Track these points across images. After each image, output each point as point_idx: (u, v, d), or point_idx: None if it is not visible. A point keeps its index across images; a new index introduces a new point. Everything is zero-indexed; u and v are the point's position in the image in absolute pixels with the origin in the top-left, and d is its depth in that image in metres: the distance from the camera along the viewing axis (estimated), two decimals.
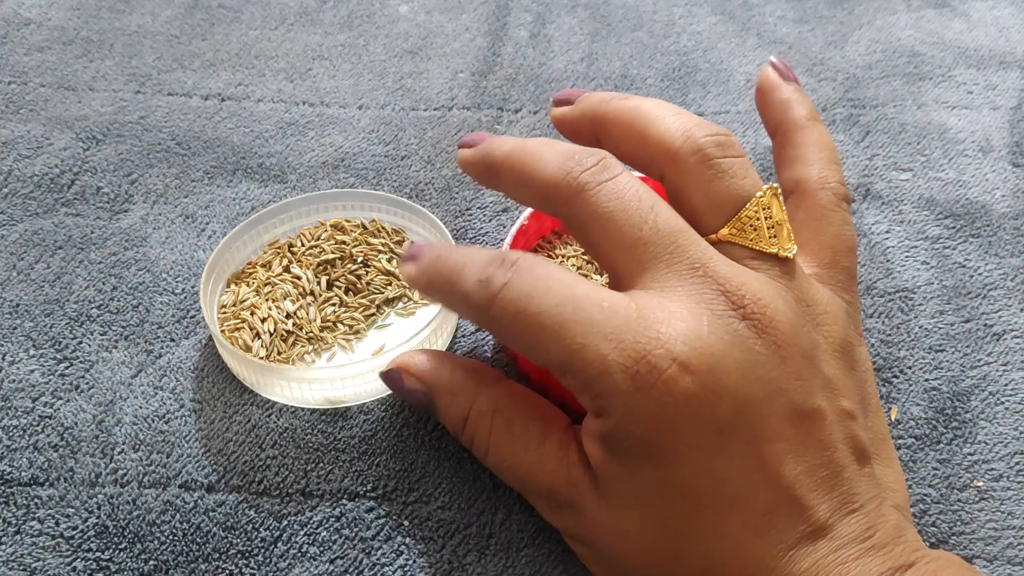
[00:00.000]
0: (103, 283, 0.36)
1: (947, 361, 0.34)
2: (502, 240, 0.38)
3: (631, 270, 0.24)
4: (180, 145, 0.42)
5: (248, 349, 0.32)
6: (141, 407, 0.31)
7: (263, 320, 0.33)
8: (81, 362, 0.33)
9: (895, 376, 0.33)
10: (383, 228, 0.37)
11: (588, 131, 0.29)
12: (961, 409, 0.32)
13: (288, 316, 0.33)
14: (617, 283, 0.25)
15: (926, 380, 0.33)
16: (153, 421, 0.31)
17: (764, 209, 0.25)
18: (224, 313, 0.33)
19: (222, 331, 0.33)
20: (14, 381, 0.32)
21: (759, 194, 0.25)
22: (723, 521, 0.23)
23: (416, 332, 0.31)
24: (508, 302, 0.24)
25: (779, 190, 0.26)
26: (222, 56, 0.48)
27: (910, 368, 0.33)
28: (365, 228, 0.37)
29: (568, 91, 0.30)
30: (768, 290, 0.24)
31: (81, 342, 0.33)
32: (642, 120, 0.26)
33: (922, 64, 0.49)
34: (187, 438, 0.30)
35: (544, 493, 0.25)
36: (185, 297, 0.35)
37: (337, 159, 0.42)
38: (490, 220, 0.39)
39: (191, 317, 0.34)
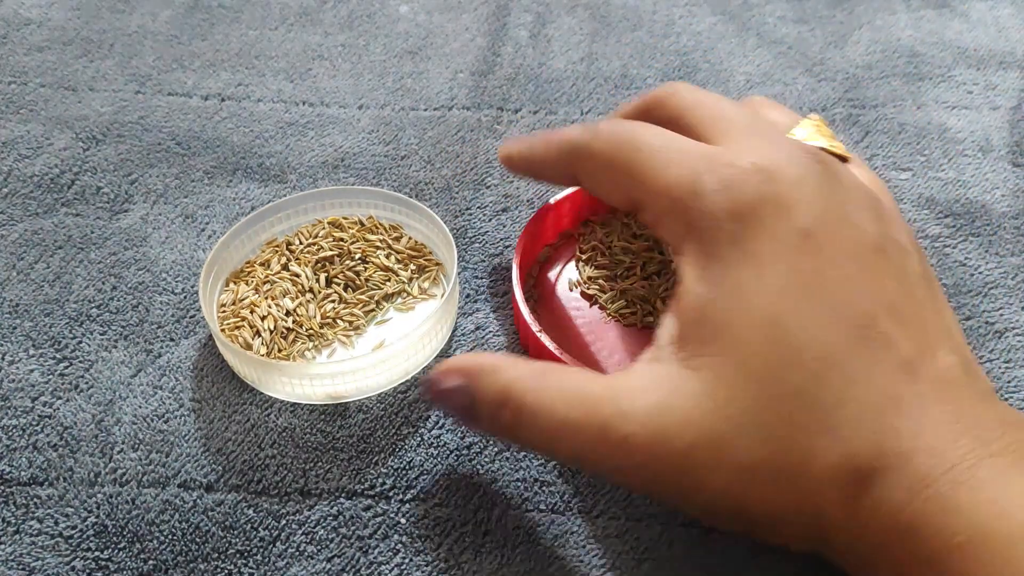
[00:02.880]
0: (103, 283, 0.36)
1: None
2: (506, 243, 0.38)
3: (721, 134, 0.27)
4: (180, 145, 0.42)
5: (248, 347, 0.32)
6: (140, 407, 0.31)
7: (263, 318, 0.33)
8: (81, 362, 0.33)
9: None
10: (380, 224, 0.37)
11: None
12: None
13: (288, 313, 0.33)
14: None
15: None
16: (152, 421, 0.31)
17: (815, 125, 0.28)
18: (224, 312, 0.33)
19: (222, 330, 0.33)
20: (14, 381, 0.32)
21: (808, 116, 0.29)
22: (824, 328, 0.22)
23: (416, 327, 0.31)
24: (611, 134, 0.27)
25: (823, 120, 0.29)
26: (222, 56, 0.48)
27: None
28: (363, 225, 0.37)
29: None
30: (836, 161, 0.26)
31: (81, 342, 0.33)
32: (700, 110, 0.30)
33: (922, 64, 0.49)
34: (186, 438, 0.30)
35: (607, 427, 0.23)
36: (185, 297, 0.35)
37: (337, 159, 0.42)
38: (489, 220, 0.39)
39: (191, 317, 0.34)
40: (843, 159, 0.28)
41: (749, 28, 0.52)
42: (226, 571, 0.27)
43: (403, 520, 0.28)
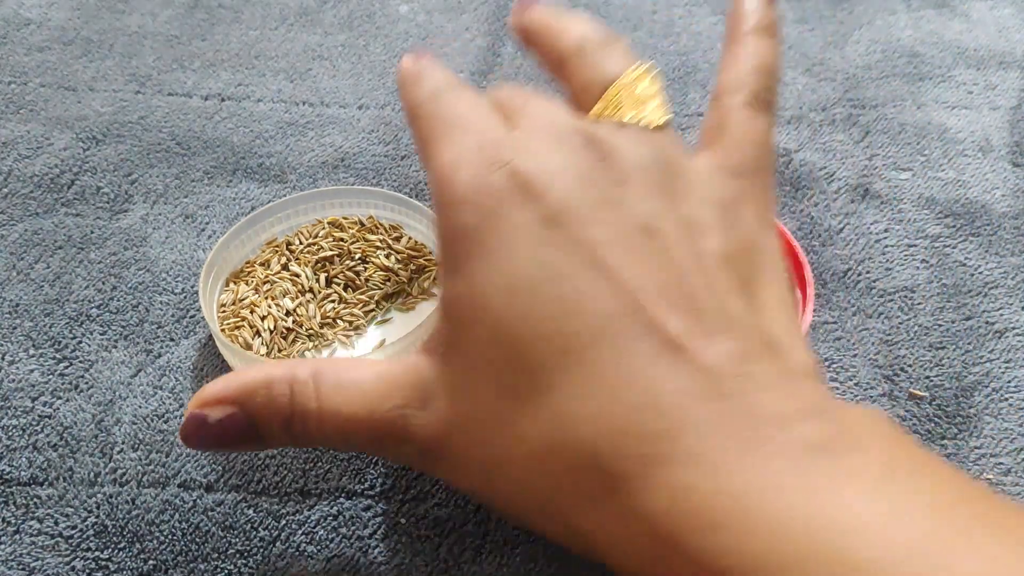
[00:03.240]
0: (103, 283, 0.36)
1: (948, 359, 0.34)
2: None
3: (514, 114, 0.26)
4: (180, 145, 0.42)
5: (249, 347, 0.32)
6: (140, 407, 0.31)
7: (263, 318, 0.33)
8: (81, 362, 0.33)
9: (896, 374, 0.33)
10: (380, 224, 0.37)
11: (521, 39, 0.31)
12: (965, 405, 0.32)
13: (288, 313, 0.33)
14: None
15: (928, 378, 0.33)
16: (152, 421, 0.31)
17: (628, 87, 0.26)
18: (224, 312, 0.33)
19: (222, 329, 0.33)
20: (14, 381, 0.32)
21: (629, 70, 0.26)
22: (565, 319, 0.21)
23: (416, 327, 0.31)
24: (438, 103, 0.26)
25: (654, 68, 0.27)
26: (222, 56, 0.48)
27: (911, 366, 0.33)
28: (363, 225, 0.37)
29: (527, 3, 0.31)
30: (623, 135, 0.25)
31: (81, 342, 0.33)
32: (556, 29, 0.29)
33: (922, 64, 0.49)
34: None
35: (392, 417, 0.23)
36: (185, 297, 0.35)
37: (337, 159, 0.42)
38: None
39: (190, 317, 0.34)
40: (649, 127, 0.25)
41: None
42: (226, 571, 0.27)
43: (403, 520, 0.28)
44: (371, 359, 0.25)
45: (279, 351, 0.32)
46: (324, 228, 0.36)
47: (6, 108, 0.44)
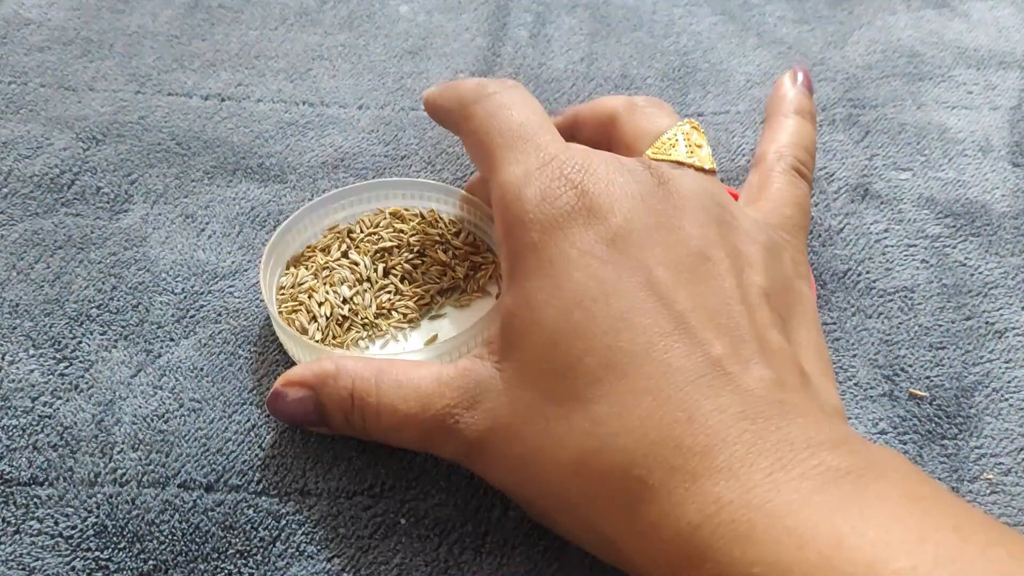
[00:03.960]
0: (103, 283, 0.36)
1: (948, 359, 0.34)
2: None
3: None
4: (180, 145, 0.42)
5: (304, 331, 0.32)
6: (140, 407, 0.31)
7: (320, 304, 0.33)
8: (81, 362, 0.33)
9: (896, 374, 0.33)
10: (441, 219, 0.37)
11: (567, 128, 0.34)
12: (965, 405, 0.32)
13: (344, 301, 0.33)
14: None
15: (928, 378, 0.33)
16: (152, 421, 0.31)
17: (684, 133, 0.28)
18: (283, 295, 0.34)
19: (280, 312, 0.33)
20: (14, 381, 0.32)
21: (680, 123, 0.28)
22: (615, 334, 0.22)
23: (469, 327, 0.31)
24: (491, 104, 0.28)
25: (700, 125, 0.29)
26: (222, 56, 0.48)
27: (911, 366, 0.33)
28: (423, 218, 0.37)
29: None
30: (679, 171, 0.26)
31: (81, 342, 0.33)
32: (597, 103, 0.32)
33: (922, 64, 0.49)
34: (186, 438, 0.30)
35: (443, 415, 0.25)
36: (185, 297, 0.35)
37: (337, 159, 0.42)
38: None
39: (190, 317, 0.34)
40: (702, 170, 0.27)
41: (749, 28, 0.52)
42: (226, 571, 0.27)
43: (403, 520, 0.28)
44: (430, 361, 0.26)
45: (333, 338, 0.32)
46: (385, 218, 0.36)
47: (6, 108, 0.44)
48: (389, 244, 0.35)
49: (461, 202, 0.36)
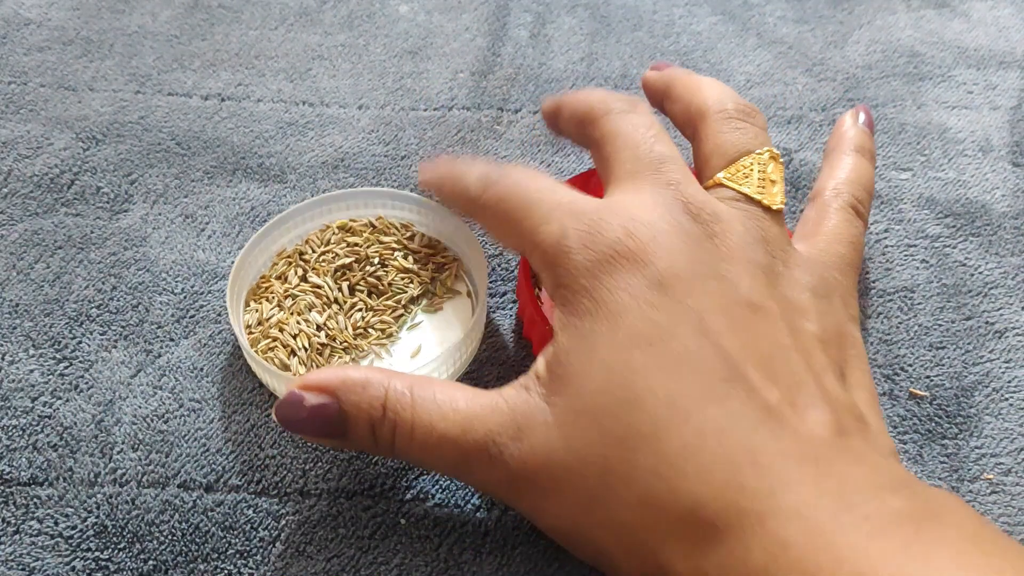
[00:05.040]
0: (103, 283, 0.36)
1: (948, 358, 0.34)
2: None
3: (621, 178, 0.27)
4: (180, 145, 0.42)
5: (286, 368, 0.31)
6: (140, 407, 0.31)
7: (295, 336, 0.32)
8: (80, 362, 0.33)
9: (896, 374, 0.33)
10: (391, 224, 0.36)
11: (659, 92, 0.33)
12: (965, 404, 0.32)
13: (319, 328, 0.32)
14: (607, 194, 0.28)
15: (928, 377, 0.33)
16: (152, 421, 0.31)
17: (761, 164, 0.28)
18: (252, 334, 0.32)
19: (256, 352, 0.32)
20: (13, 381, 0.32)
21: (760, 151, 0.28)
22: (677, 377, 0.22)
23: (464, 329, 0.31)
24: (499, 188, 0.28)
25: (780, 156, 0.28)
26: (222, 56, 0.48)
27: (911, 366, 0.33)
28: (374, 227, 0.36)
29: (663, 63, 0.34)
30: (731, 214, 0.26)
31: (80, 342, 0.33)
32: (694, 85, 0.31)
33: (922, 64, 0.49)
34: (186, 438, 0.30)
35: (485, 443, 0.24)
36: (184, 297, 0.35)
37: (337, 159, 0.42)
38: None
39: (190, 317, 0.34)
40: (768, 208, 0.27)
41: (749, 28, 0.52)
42: (226, 571, 0.27)
43: (403, 520, 0.28)
44: (461, 384, 0.26)
45: (316, 368, 0.31)
46: (335, 233, 0.36)
47: (6, 108, 0.44)
48: (347, 260, 0.34)
49: (408, 204, 0.36)
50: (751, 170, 0.27)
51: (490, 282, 0.36)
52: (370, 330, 0.33)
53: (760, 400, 0.22)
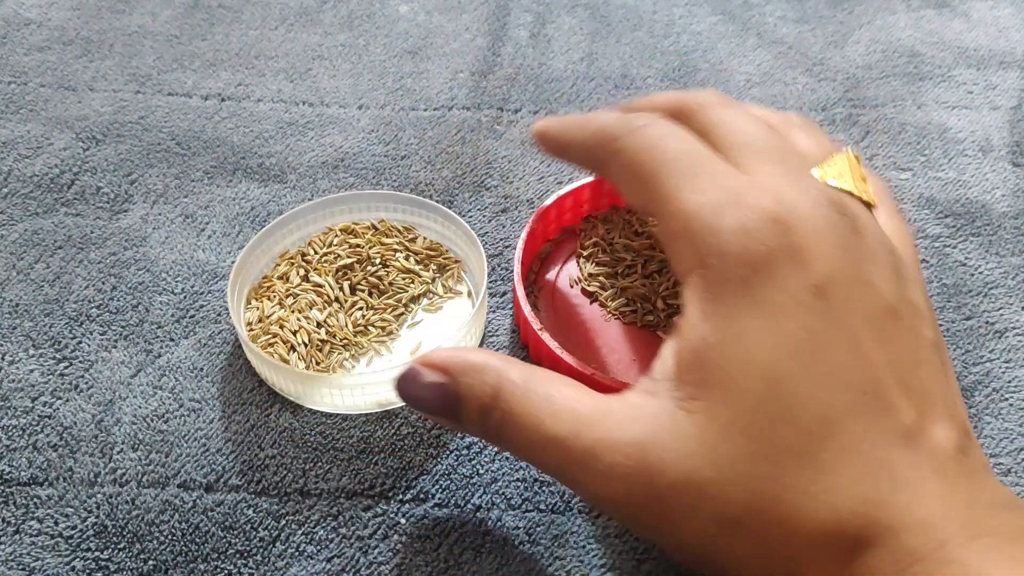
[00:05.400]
0: (103, 283, 0.36)
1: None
2: (506, 243, 0.38)
3: (749, 162, 0.25)
4: (180, 145, 0.42)
5: (286, 363, 0.31)
6: (140, 407, 0.31)
7: (295, 332, 0.32)
8: (80, 362, 0.33)
9: None
10: (393, 227, 0.36)
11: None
12: (965, 404, 0.32)
13: (319, 325, 0.33)
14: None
15: None
16: (152, 421, 0.31)
17: (850, 162, 0.27)
18: (252, 331, 0.33)
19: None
20: (14, 381, 0.32)
21: (846, 149, 0.27)
22: (829, 390, 0.22)
23: (459, 325, 0.31)
24: (644, 135, 0.25)
25: (861, 156, 0.28)
26: (222, 56, 0.48)
27: None
28: (376, 229, 0.36)
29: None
30: (863, 211, 0.25)
31: (80, 342, 0.33)
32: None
33: (922, 64, 0.49)
34: (186, 438, 0.30)
35: (593, 452, 0.22)
36: (184, 297, 0.35)
37: (337, 159, 0.42)
38: (490, 221, 0.39)
39: (190, 317, 0.34)
40: (869, 205, 0.26)
41: (749, 28, 0.52)
42: (226, 571, 0.27)
43: (403, 520, 0.28)
44: (584, 385, 0.24)
45: (316, 364, 0.32)
46: (337, 235, 0.36)
47: (6, 108, 0.44)
48: (348, 260, 0.35)
49: (410, 207, 0.36)
50: (844, 168, 0.26)
51: (490, 282, 0.36)
52: (370, 327, 0.33)
53: (898, 417, 0.22)
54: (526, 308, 0.31)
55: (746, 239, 0.23)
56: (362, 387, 0.30)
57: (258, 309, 0.33)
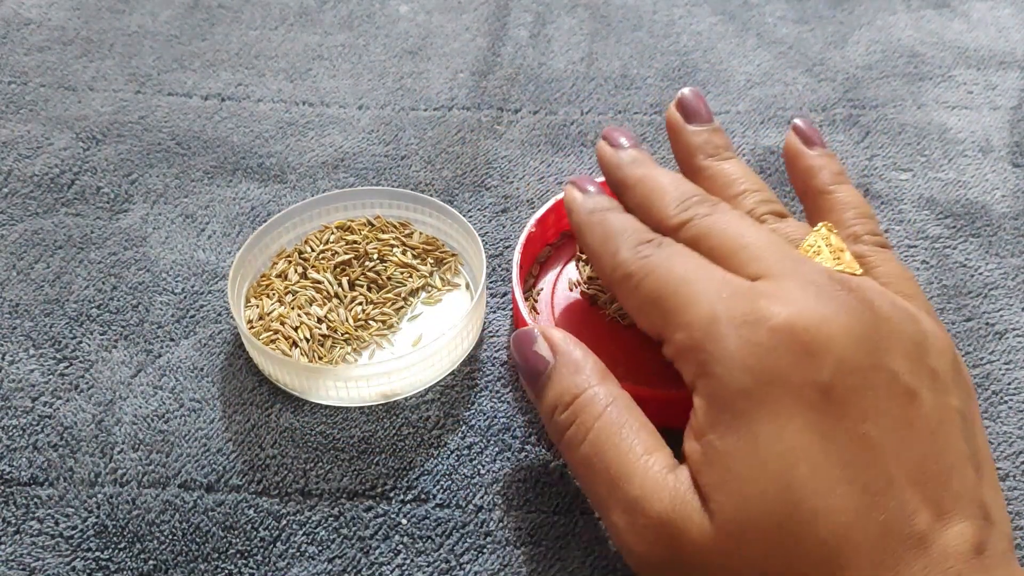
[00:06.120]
0: (103, 283, 0.36)
1: None
2: (506, 243, 0.38)
3: (758, 272, 0.25)
4: (180, 145, 0.42)
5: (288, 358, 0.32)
6: (141, 407, 0.31)
7: (296, 328, 0.33)
8: (81, 362, 0.33)
9: None
10: (389, 223, 0.37)
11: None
12: None
13: (320, 320, 0.33)
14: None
15: None
16: (152, 421, 0.31)
17: (824, 239, 0.27)
18: (253, 328, 0.33)
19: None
20: (14, 381, 0.32)
21: (816, 228, 0.27)
22: (839, 495, 0.22)
23: (461, 317, 0.31)
24: (651, 266, 0.26)
25: (834, 227, 0.27)
26: (222, 56, 0.48)
27: None
28: (372, 225, 0.37)
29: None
30: (875, 291, 0.25)
31: (81, 342, 0.33)
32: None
33: (922, 64, 0.49)
34: (186, 438, 0.30)
35: (633, 501, 0.24)
36: (184, 297, 0.35)
37: (337, 159, 0.42)
38: (490, 221, 0.39)
39: (190, 317, 0.34)
40: (855, 275, 0.26)
41: (749, 28, 0.52)
42: (226, 571, 0.27)
43: (404, 521, 0.28)
44: (655, 431, 0.25)
45: (319, 359, 0.32)
46: (333, 232, 0.36)
47: (6, 108, 0.44)
48: (346, 257, 0.35)
49: (405, 202, 0.36)
50: (819, 247, 0.27)
51: (490, 282, 0.36)
52: (371, 322, 0.33)
53: (911, 521, 0.22)
54: (524, 311, 0.31)
55: (750, 348, 0.23)
56: (367, 379, 0.30)
57: (258, 307, 0.34)
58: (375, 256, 0.35)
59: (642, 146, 0.31)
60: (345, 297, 0.34)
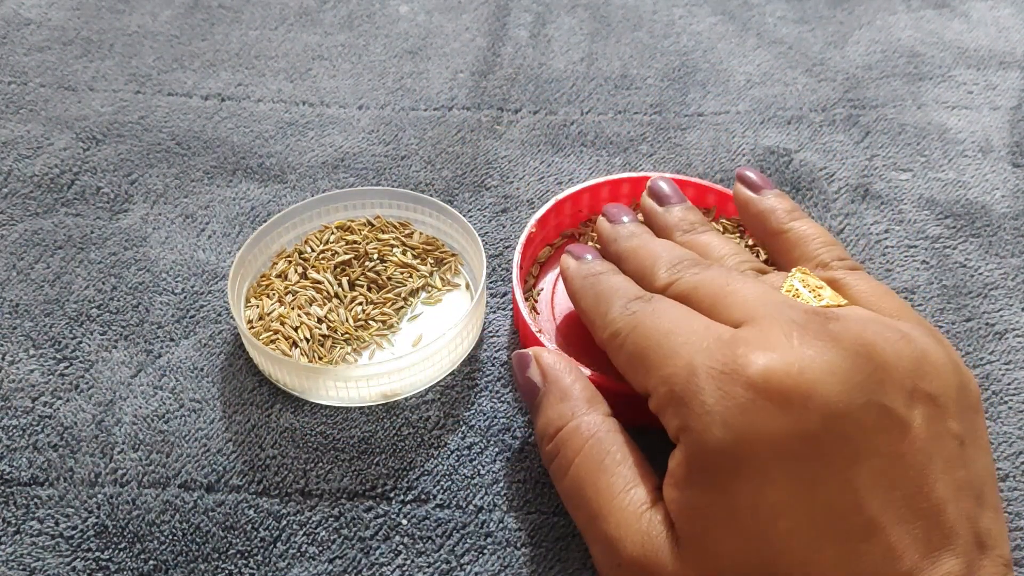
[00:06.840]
0: (103, 283, 0.36)
1: None
2: (506, 243, 0.38)
3: (741, 318, 0.25)
4: (180, 145, 0.42)
5: (288, 358, 0.32)
6: (141, 407, 0.31)
7: (296, 328, 0.33)
8: (81, 362, 0.33)
9: None
10: (389, 223, 0.37)
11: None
12: None
13: (320, 320, 0.33)
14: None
15: None
16: (153, 421, 0.31)
17: (800, 280, 0.27)
18: (253, 328, 0.33)
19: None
20: (14, 381, 0.32)
21: (791, 273, 0.27)
22: (817, 548, 0.21)
23: (461, 317, 0.31)
24: (636, 320, 0.26)
25: (808, 270, 0.28)
26: (222, 56, 0.48)
27: None
28: (372, 225, 0.37)
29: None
30: (854, 313, 0.25)
31: (81, 342, 0.33)
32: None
33: (922, 64, 0.49)
34: (186, 438, 0.30)
35: (609, 541, 0.24)
36: (185, 297, 0.35)
37: (337, 159, 0.42)
38: (490, 221, 0.39)
39: (190, 317, 0.34)
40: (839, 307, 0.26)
41: (749, 28, 0.52)
42: (227, 571, 0.27)
43: (404, 521, 0.28)
44: (642, 459, 0.25)
45: (319, 359, 0.32)
46: (333, 232, 0.36)
47: (6, 108, 0.44)
48: (346, 257, 0.35)
49: (405, 202, 0.36)
50: (797, 289, 0.27)
51: (490, 283, 0.36)
52: (371, 322, 0.33)
53: (895, 563, 0.21)
54: (524, 311, 0.31)
55: (727, 403, 0.22)
56: (367, 379, 0.30)
57: (258, 307, 0.34)
58: (375, 256, 0.35)
59: (641, 222, 0.31)
60: (345, 297, 0.34)
